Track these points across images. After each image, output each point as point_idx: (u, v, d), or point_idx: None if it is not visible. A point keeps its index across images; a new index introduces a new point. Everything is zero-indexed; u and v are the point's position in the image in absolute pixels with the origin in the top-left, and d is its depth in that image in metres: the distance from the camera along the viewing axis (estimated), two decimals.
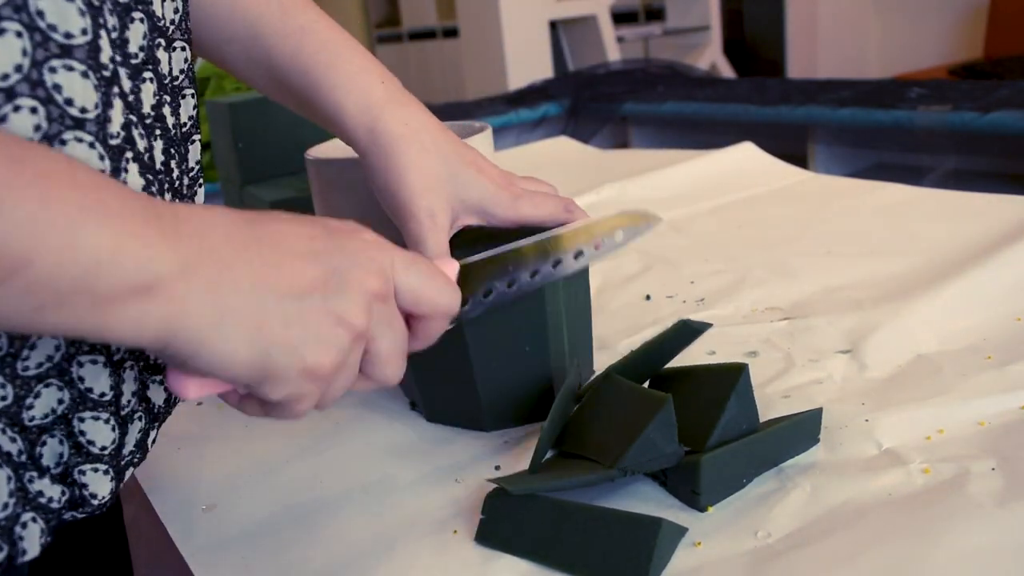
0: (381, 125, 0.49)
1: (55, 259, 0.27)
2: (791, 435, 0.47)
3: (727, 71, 3.83)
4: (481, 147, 0.63)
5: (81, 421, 0.36)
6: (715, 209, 1.00)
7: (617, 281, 0.80)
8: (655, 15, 4.24)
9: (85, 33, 0.32)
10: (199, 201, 0.45)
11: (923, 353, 0.57)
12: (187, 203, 0.44)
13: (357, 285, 0.36)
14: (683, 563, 0.40)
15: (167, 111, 0.41)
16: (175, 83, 0.43)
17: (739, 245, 0.85)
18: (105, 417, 0.36)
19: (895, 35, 4.30)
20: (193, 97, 0.45)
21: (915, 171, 1.95)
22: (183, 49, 0.43)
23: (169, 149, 0.41)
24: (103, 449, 0.37)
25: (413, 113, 0.50)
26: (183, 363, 0.32)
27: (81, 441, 0.36)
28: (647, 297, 0.75)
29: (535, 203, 0.52)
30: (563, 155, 1.41)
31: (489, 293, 0.47)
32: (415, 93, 0.52)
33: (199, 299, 0.31)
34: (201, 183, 0.46)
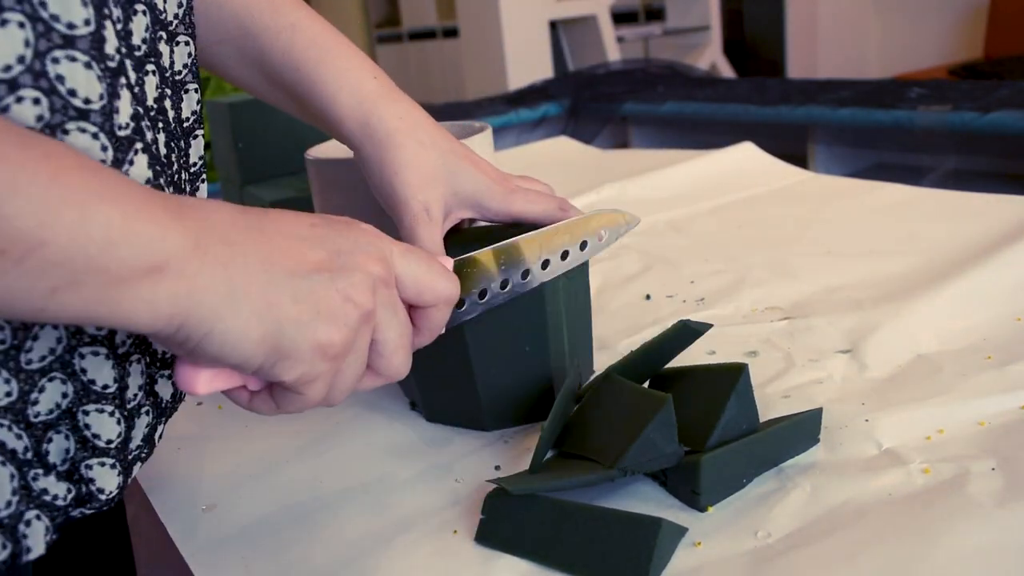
0: (375, 119, 0.49)
1: (69, 238, 0.27)
2: (791, 435, 0.47)
3: (727, 71, 3.83)
4: (481, 147, 0.63)
5: (86, 414, 0.36)
6: (715, 209, 1.00)
7: (617, 281, 0.80)
8: (655, 15, 4.24)
9: (88, 24, 0.32)
10: (200, 197, 0.45)
11: (923, 353, 0.57)
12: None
13: (361, 266, 0.36)
14: (683, 563, 0.40)
15: (168, 104, 0.41)
16: (177, 77, 0.43)
17: (739, 245, 0.85)
18: (110, 410, 0.37)
19: (895, 35, 4.31)
20: (197, 92, 0.45)
21: (915, 171, 1.95)
22: (187, 44, 0.43)
23: (169, 143, 0.41)
24: (109, 443, 0.37)
25: (407, 108, 0.51)
26: (195, 347, 0.32)
27: (87, 435, 0.36)
28: (647, 297, 0.75)
29: (529, 199, 0.52)
30: (563, 155, 1.41)
31: (484, 294, 0.48)
32: (415, 93, 0.52)
33: (210, 277, 0.31)
34: (203, 179, 0.46)
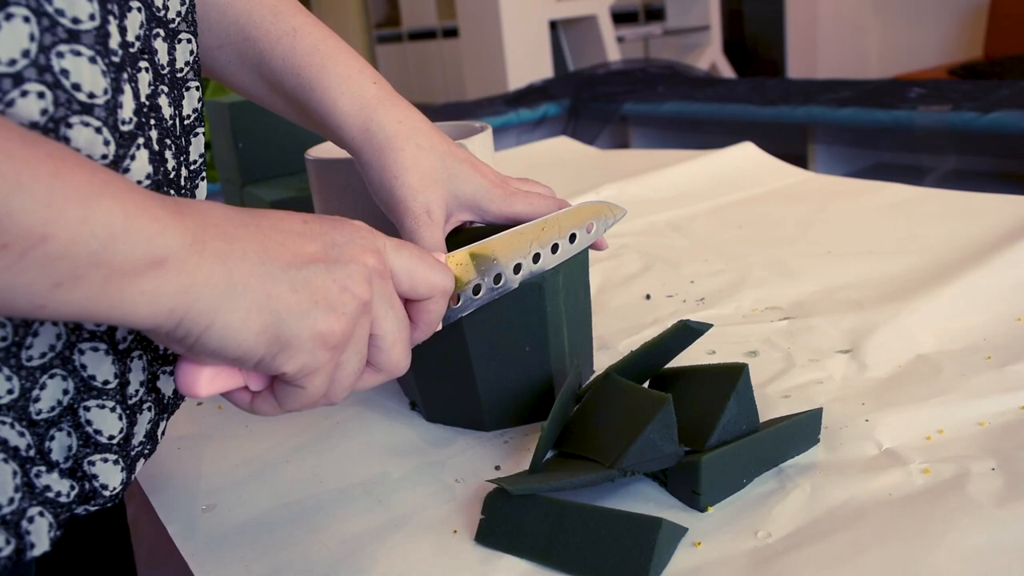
0: (376, 124, 0.50)
1: (72, 232, 0.27)
2: (791, 435, 0.47)
3: (727, 71, 3.83)
4: (481, 147, 0.63)
5: (87, 411, 0.36)
6: (715, 209, 1.00)
7: (617, 281, 0.80)
8: (655, 15, 4.24)
9: (93, 18, 0.32)
10: (200, 196, 0.45)
11: (923, 353, 0.57)
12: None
13: (356, 258, 0.37)
14: (683, 563, 0.40)
15: (163, 102, 0.41)
16: (179, 75, 0.43)
17: (739, 245, 0.85)
18: (111, 406, 0.37)
19: (895, 35, 4.31)
20: (198, 90, 0.45)
21: (915, 171, 1.95)
22: (188, 42, 0.43)
23: (164, 140, 0.41)
24: (111, 439, 0.37)
25: (406, 112, 0.51)
26: (196, 342, 0.32)
27: (88, 431, 0.36)
28: (647, 297, 0.75)
29: (529, 201, 0.52)
30: (563, 155, 1.41)
31: (479, 289, 0.48)
32: (415, 93, 0.53)
33: (210, 270, 0.32)
34: (203, 176, 0.46)
